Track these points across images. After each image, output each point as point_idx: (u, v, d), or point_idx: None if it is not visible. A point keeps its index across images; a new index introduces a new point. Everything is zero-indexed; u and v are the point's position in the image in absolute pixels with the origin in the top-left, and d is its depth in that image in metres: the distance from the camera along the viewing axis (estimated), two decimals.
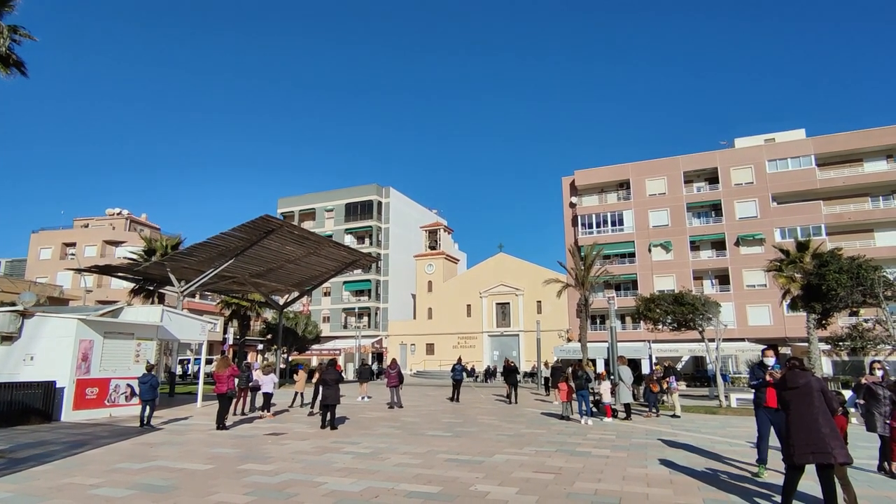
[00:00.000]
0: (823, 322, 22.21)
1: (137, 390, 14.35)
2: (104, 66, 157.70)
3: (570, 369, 16.14)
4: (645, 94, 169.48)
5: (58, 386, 14.12)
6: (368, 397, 22.92)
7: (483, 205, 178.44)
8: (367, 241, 59.56)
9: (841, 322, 28.60)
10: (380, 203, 60.97)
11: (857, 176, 41.74)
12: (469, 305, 54.05)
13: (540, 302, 49.73)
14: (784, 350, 40.71)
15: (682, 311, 21.21)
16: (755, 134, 48.19)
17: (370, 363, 50.96)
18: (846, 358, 30.22)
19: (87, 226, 63.54)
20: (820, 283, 20.70)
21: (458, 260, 64.75)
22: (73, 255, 56.24)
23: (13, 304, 15.89)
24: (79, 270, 28.54)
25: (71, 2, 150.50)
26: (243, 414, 16.53)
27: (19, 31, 17.25)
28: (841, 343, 22.24)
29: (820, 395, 5.78)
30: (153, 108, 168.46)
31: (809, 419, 5.72)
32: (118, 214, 65.29)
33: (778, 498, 6.89)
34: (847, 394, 16.70)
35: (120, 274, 28.06)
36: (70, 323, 14.79)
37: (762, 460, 8.30)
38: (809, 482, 7.82)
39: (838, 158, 43.03)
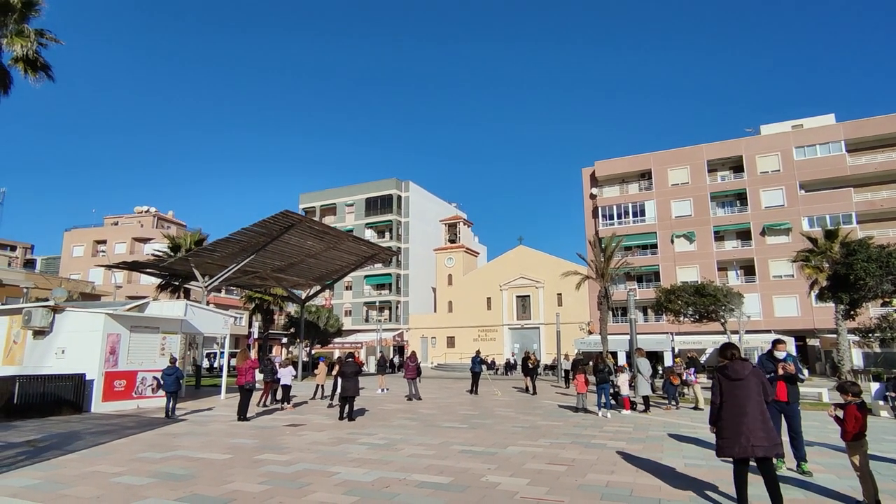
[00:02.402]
0: (852, 313, 21.59)
1: (162, 382, 14.81)
2: (135, 65, 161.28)
3: (590, 363, 16.07)
4: (668, 81, 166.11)
5: (87, 378, 14.63)
6: (386, 389, 23.18)
7: (503, 197, 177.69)
8: (387, 235, 59.93)
9: (871, 312, 27.76)
10: (399, 197, 61.22)
11: (891, 161, 40.23)
12: (489, 298, 54.01)
13: (560, 294, 49.41)
14: (812, 342, 39.71)
15: (704, 303, 20.89)
16: (782, 120, 46.86)
17: (391, 356, 51.45)
18: (878, 349, 29.35)
19: (116, 223, 65.47)
20: (847, 272, 20.11)
21: (478, 253, 64.67)
22: (103, 252, 57.99)
23: (47, 300, 16.51)
24: (109, 267, 29.42)
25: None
26: (264, 406, 16.89)
27: (46, 35, 17.68)
28: (871, 334, 21.62)
29: (759, 388, 5.70)
30: (179, 105, 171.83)
31: (750, 411, 5.63)
32: (146, 212, 67.10)
33: (792, 489, 6.80)
34: (874, 386, 16.29)
35: (147, 270, 28.87)
36: (98, 317, 15.30)
37: (778, 455, 8.15)
38: (830, 475, 7.70)
39: (870, 144, 41.55)
